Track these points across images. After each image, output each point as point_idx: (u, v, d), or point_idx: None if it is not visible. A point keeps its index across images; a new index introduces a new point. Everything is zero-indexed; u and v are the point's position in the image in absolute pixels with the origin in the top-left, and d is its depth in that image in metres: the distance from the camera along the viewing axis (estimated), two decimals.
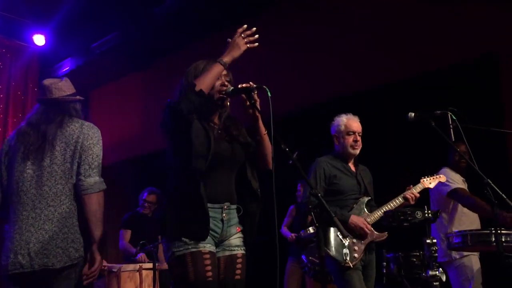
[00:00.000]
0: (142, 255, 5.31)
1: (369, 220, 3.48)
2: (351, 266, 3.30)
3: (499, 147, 4.82)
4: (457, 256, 4.14)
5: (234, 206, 2.48)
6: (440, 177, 3.89)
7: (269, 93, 2.30)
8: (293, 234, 5.45)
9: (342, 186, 3.55)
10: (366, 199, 3.59)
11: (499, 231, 3.21)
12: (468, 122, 3.27)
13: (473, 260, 4.12)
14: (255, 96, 2.39)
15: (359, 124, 3.68)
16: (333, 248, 3.36)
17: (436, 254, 3.03)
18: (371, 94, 5.62)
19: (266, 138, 2.48)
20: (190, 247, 2.28)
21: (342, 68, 5.91)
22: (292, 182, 5.49)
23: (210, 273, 2.28)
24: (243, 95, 2.41)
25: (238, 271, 2.41)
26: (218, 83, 2.46)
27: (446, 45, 5.12)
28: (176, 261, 2.31)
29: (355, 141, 3.62)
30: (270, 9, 6.43)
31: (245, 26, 2.45)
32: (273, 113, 2.23)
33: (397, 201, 3.57)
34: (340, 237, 3.39)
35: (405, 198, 3.56)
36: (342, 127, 3.66)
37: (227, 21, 6.57)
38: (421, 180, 3.79)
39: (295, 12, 6.36)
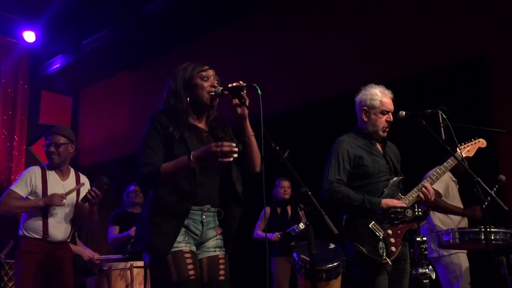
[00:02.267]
0: (133, 229, 5.18)
1: (407, 202, 3.06)
2: (390, 263, 2.89)
3: (488, 146, 4.85)
4: (445, 253, 4.16)
5: (214, 209, 2.44)
6: (479, 141, 3.47)
7: (259, 91, 2.28)
8: (277, 233, 5.47)
9: (370, 168, 3.10)
10: (397, 179, 3.16)
11: (488, 229, 3.23)
12: (458, 121, 3.25)
13: (461, 258, 4.15)
14: (245, 95, 2.36)
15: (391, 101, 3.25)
16: (365, 244, 2.91)
17: (426, 252, 3.03)
18: None
19: (253, 139, 2.42)
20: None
21: (332, 69, 5.92)
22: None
23: (192, 272, 2.27)
24: (233, 95, 2.37)
25: (222, 272, 2.41)
26: (207, 84, 2.43)
27: (436, 47, 5.15)
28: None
29: (388, 121, 3.20)
30: (262, 10, 6.42)
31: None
32: (262, 112, 2.22)
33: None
34: (374, 228, 2.96)
35: (418, 196, 3.09)
36: (377, 102, 3.18)
37: (216, 21, 6.56)
38: (458, 149, 3.33)
39: (285, 13, 6.37)
